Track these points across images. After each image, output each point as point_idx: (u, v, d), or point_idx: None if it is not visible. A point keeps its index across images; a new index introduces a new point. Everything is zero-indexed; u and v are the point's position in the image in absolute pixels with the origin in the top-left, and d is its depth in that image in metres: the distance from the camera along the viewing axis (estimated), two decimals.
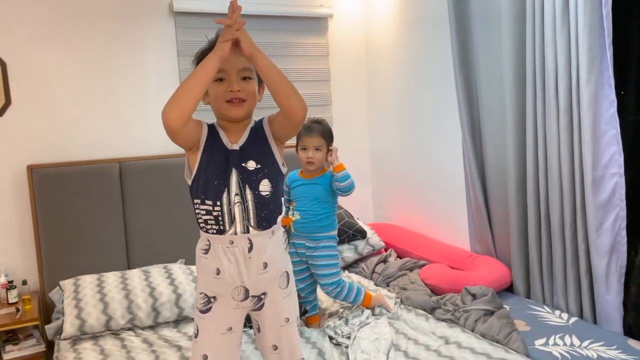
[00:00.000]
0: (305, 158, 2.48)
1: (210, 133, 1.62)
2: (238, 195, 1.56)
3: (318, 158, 2.47)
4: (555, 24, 2.33)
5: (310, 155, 2.47)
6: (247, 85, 1.58)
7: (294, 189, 2.56)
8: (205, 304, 1.62)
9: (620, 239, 2.28)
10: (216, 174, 1.57)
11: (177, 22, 3.22)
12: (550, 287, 2.58)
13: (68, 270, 2.82)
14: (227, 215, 1.55)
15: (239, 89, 1.56)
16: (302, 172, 2.56)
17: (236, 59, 1.54)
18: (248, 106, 1.59)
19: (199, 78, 1.45)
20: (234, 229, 1.56)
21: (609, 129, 2.23)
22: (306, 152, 2.48)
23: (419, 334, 2.32)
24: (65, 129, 2.99)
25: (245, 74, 1.58)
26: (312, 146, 2.46)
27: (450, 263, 2.98)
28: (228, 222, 1.56)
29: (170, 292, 2.57)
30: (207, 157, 1.58)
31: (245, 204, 1.56)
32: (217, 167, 1.57)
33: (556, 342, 2.19)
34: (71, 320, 2.38)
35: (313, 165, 2.48)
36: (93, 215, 2.93)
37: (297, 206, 2.52)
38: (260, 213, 1.58)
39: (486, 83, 2.81)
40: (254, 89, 1.60)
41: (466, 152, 2.93)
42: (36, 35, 2.90)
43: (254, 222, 1.57)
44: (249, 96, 1.59)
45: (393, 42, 3.59)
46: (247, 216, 1.56)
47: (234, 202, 1.55)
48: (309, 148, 2.47)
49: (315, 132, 2.46)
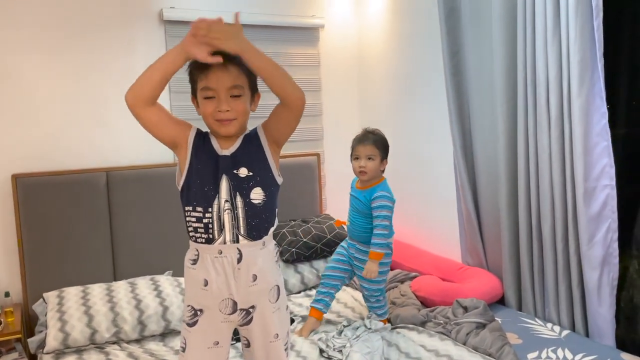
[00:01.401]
0: (357, 167, 2.47)
1: (199, 137, 1.59)
2: (228, 202, 1.52)
3: (370, 167, 2.44)
4: (546, 35, 2.34)
5: (362, 165, 2.44)
6: (237, 104, 1.53)
7: (350, 196, 2.59)
8: (192, 317, 1.58)
9: (612, 251, 2.27)
10: (206, 180, 1.54)
11: (167, 30, 3.19)
12: (542, 299, 2.57)
13: (52, 281, 2.76)
14: (216, 222, 1.52)
15: (227, 109, 1.52)
16: (358, 182, 2.56)
17: (226, 76, 1.50)
18: (238, 123, 1.56)
19: (160, 66, 1.48)
20: (223, 237, 1.52)
21: (600, 140, 2.23)
22: (358, 162, 2.46)
23: (410, 347, 2.29)
24: (51, 137, 2.94)
25: (234, 92, 1.53)
26: (365, 155, 2.44)
27: (441, 275, 2.96)
28: (217, 230, 1.52)
29: (157, 305, 2.51)
30: (197, 162, 1.56)
31: (235, 212, 1.53)
32: (207, 173, 1.54)
33: (549, 355, 2.17)
34: (54, 334, 2.33)
35: (365, 175, 2.46)
36: (79, 226, 2.88)
37: (348, 214, 2.57)
38: (251, 222, 1.54)
39: (477, 94, 2.81)
40: (244, 107, 1.56)
41: (457, 163, 2.92)
42: (23, 43, 2.86)
43: (244, 231, 1.54)
44: (239, 114, 1.55)
45: (384, 53, 3.59)
46: (236, 224, 1.53)
47: (223, 209, 1.52)
48: (361, 157, 2.45)
49: (369, 141, 2.45)
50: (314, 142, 3.72)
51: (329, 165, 3.79)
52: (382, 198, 2.43)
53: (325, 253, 3.16)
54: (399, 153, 3.54)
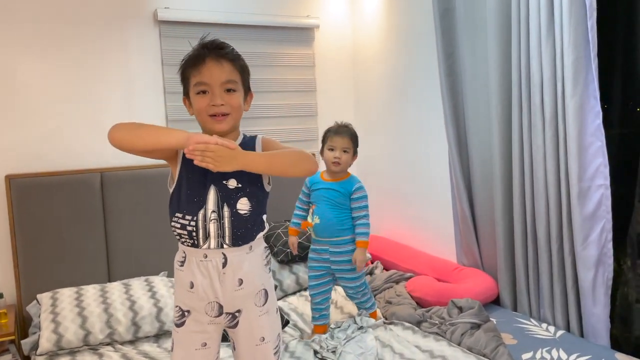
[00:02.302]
0: (332, 158, 2.47)
1: None
2: (215, 212, 1.51)
3: (344, 160, 2.47)
4: (540, 35, 2.34)
5: (337, 156, 2.46)
6: (231, 98, 1.52)
7: (314, 192, 2.54)
8: (180, 318, 1.58)
9: (607, 251, 2.27)
10: (195, 190, 1.52)
11: (162, 31, 3.18)
12: (537, 299, 2.57)
13: (47, 283, 2.75)
14: (201, 230, 1.51)
15: (222, 103, 1.50)
16: (324, 174, 2.54)
17: (219, 71, 1.50)
18: (232, 119, 1.55)
19: (161, 137, 1.44)
20: (207, 244, 1.51)
21: (594, 140, 2.23)
22: (333, 153, 2.47)
23: (405, 347, 2.29)
24: (45, 138, 2.93)
25: (228, 87, 1.52)
26: (341, 147, 2.46)
27: (436, 275, 2.96)
28: (202, 238, 1.51)
29: (151, 306, 2.50)
30: (187, 172, 1.54)
31: (221, 221, 1.51)
32: (195, 183, 1.53)
33: (543, 355, 2.16)
34: (47, 335, 2.31)
35: (338, 167, 2.47)
36: (73, 227, 2.87)
37: (316, 210, 2.51)
38: (237, 231, 1.52)
39: (472, 94, 2.81)
40: (238, 102, 1.54)
41: (452, 164, 2.92)
42: (17, 43, 2.85)
43: (229, 240, 1.52)
44: (233, 110, 1.53)
45: (379, 53, 3.59)
46: (222, 233, 1.51)
47: (209, 219, 1.51)
48: (337, 149, 2.46)
49: (346, 134, 2.48)
50: (309, 142, 3.71)
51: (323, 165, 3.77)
52: (362, 189, 2.51)
53: None
54: (394, 153, 3.54)
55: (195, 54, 1.53)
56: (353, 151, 2.51)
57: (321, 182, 2.53)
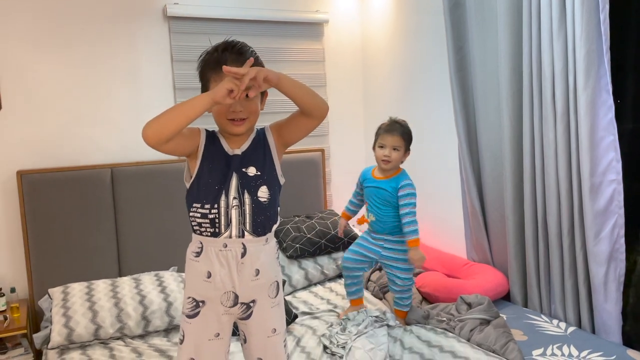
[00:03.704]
0: (381, 156, 2.45)
1: (209, 140, 1.61)
2: (236, 199, 1.56)
3: (395, 157, 2.44)
4: (552, 28, 2.31)
5: (387, 154, 2.44)
6: (250, 105, 1.57)
7: (366, 189, 2.54)
8: (193, 309, 1.59)
9: (619, 247, 2.24)
10: (217, 179, 1.57)
11: (171, 27, 3.19)
12: (548, 295, 2.55)
13: (58, 277, 2.78)
14: (223, 217, 1.55)
15: (241, 109, 1.55)
16: (375, 171, 2.53)
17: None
18: (249, 122, 1.60)
19: (187, 112, 1.44)
20: (229, 232, 1.55)
21: (606, 135, 2.20)
22: (383, 150, 2.45)
23: (415, 343, 2.28)
24: (56, 134, 2.96)
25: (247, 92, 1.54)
26: (391, 145, 2.43)
27: (446, 271, 2.95)
28: (224, 225, 1.55)
29: (160, 301, 2.52)
30: (208, 164, 1.58)
31: (242, 208, 1.56)
32: (218, 173, 1.58)
33: (554, 352, 2.15)
34: (59, 329, 2.34)
35: (389, 165, 2.45)
36: (84, 222, 2.89)
37: (370, 208, 2.52)
38: (257, 218, 1.58)
39: (482, 88, 2.78)
40: (256, 107, 1.59)
41: (462, 159, 2.90)
42: (28, 41, 2.87)
43: (250, 227, 1.57)
44: (251, 114, 1.59)
45: (389, 48, 3.57)
46: (243, 220, 1.56)
47: (231, 205, 1.56)
48: (387, 146, 2.44)
49: (396, 131, 2.44)
50: (319, 137, 3.71)
51: (333, 161, 3.78)
52: (410, 186, 2.47)
53: (330, 249, 3.15)
54: None
55: (216, 58, 1.55)
56: (405, 148, 2.47)
57: (371, 179, 2.52)
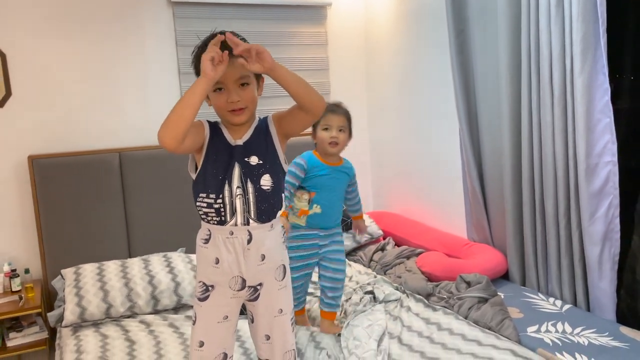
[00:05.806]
0: (328, 138, 2.25)
1: (213, 132, 1.65)
2: (240, 188, 1.60)
3: (342, 139, 2.27)
4: (550, 11, 2.33)
5: (334, 135, 2.25)
6: (246, 93, 1.60)
7: (315, 178, 2.28)
8: (204, 292, 1.66)
9: (614, 227, 2.29)
10: (220, 169, 1.61)
11: (176, 12, 3.23)
12: (545, 274, 2.61)
13: (70, 258, 2.87)
14: (228, 206, 1.59)
15: (238, 99, 1.58)
16: (322, 157, 2.30)
17: (232, 69, 1.54)
18: (249, 111, 1.63)
19: (189, 100, 1.46)
20: (234, 220, 1.60)
21: (602, 117, 2.23)
22: (329, 132, 2.25)
23: (414, 321, 2.35)
24: (65, 119, 3.03)
25: (242, 81, 1.59)
26: (337, 126, 2.25)
27: (447, 251, 3.01)
28: (230, 214, 1.60)
29: (169, 281, 2.61)
30: (212, 155, 1.62)
31: (246, 197, 1.60)
32: (221, 163, 1.61)
33: (548, 329, 2.21)
34: (72, 308, 2.43)
35: (337, 147, 2.27)
36: (94, 205, 2.98)
37: (318, 198, 2.27)
38: (261, 206, 1.62)
39: (482, 72, 2.81)
40: (253, 94, 1.62)
41: (463, 141, 2.94)
42: (36, 27, 2.93)
43: (254, 215, 1.61)
44: (249, 102, 1.61)
45: (392, 31, 3.59)
46: (247, 208, 1.60)
47: (235, 195, 1.59)
48: (332, 127, 2.25)
49: (340, 111, 2.29)
50: None
51: None
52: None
53: None
54: (406, 130, 3.56)
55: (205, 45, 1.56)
56: (349, 131, 2.31)
57: (324, 165, 2.28)
